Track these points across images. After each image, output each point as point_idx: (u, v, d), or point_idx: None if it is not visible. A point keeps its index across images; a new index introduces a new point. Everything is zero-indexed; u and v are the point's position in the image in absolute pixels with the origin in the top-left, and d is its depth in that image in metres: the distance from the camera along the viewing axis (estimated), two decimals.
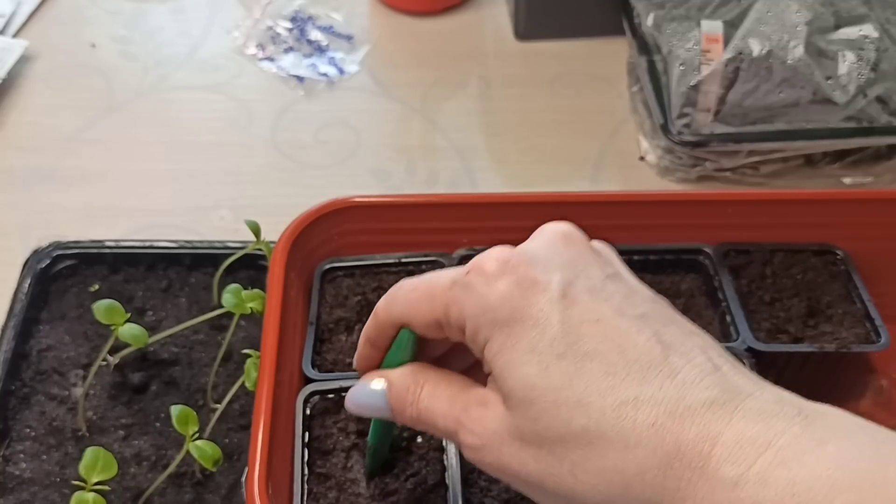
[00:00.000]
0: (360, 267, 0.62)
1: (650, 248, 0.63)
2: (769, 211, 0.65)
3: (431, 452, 0.52)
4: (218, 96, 0.88)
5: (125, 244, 0.67)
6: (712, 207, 0.64)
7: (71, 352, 0.62)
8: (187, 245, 0.67)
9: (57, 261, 0.66)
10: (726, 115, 0.77)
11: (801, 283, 0.63)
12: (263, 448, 0.48)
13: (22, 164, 0.81)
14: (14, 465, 0.57)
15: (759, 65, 0.75)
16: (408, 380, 0.41)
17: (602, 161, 0.83)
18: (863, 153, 0.80)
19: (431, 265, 0.62)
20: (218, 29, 0.96)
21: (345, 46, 0.94)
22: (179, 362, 0.62)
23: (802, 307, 0.62)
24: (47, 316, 0.64)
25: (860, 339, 0.59)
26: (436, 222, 0.63)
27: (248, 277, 0.65)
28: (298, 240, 0.59)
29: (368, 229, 0.62)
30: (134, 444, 0.58)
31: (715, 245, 0.64)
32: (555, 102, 0.89)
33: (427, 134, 0.86)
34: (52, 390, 0.60)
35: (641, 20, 0.85)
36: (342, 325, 0.59)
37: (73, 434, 0.58)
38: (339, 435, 0.53)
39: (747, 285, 0.63)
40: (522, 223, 0.62)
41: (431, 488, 0.51)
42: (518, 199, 0.65)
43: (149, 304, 0.65)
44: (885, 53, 0.76)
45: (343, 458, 0.52)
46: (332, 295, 0.61)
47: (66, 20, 0.96)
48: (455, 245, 0.63)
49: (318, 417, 0.54)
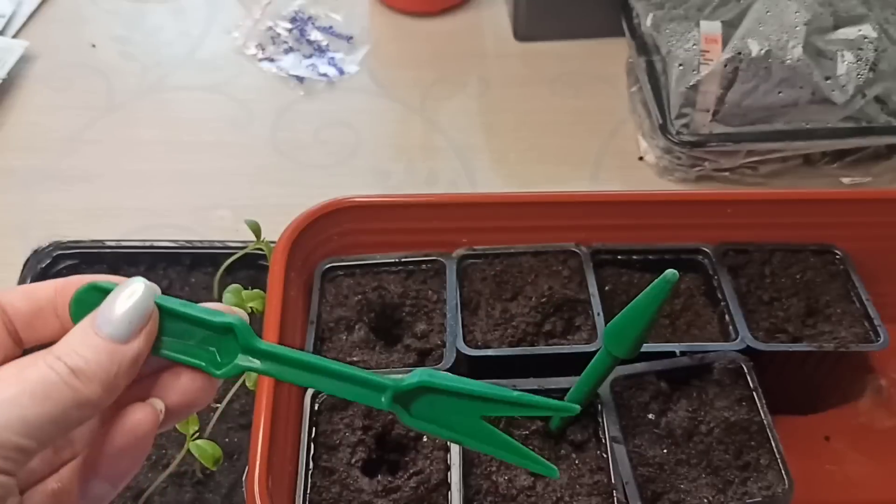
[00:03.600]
0: (360, 266, 0.62)
1: (650, 247, 0.64)
2: (768, 211, 0.65)
3: (435, 451, 0.52)
4: (218, 96, 0.89)
5: (125, 244, 0.68)
6: (711, 207, 0.64)
7: None
8: (187, 245, 0.67)
9: (57, 261, 0.66)
10: (725, 116, 0.77)
11: (800, 282, 0.63)
12: (264, 443, 0.48)
13: (21, 165, 0.81)
14: None
15: (758, 65, 0.75)
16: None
17: (601, 161, 0.83)
18: (861, 153, 0.81)
19: (432, 264, 0.62)
20: (218, 29, 0.96)
21: (345, 47, 0.94)
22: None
23: (801, 307, 0.62)
24: None
25: (859, 339, 0.59)
26: (436, 222, 0.63)
27: (248, 277, 0.65)
28: (299, 239, 0.59)
29: (368, 229, 0.62)
30: None
31: (714, 245, 0.64)
32: (554, 103, 0.89)
33: (427, 134, 0.86)
34: None
35: (640, 21, 0.85)
36: (342, 324, 0.59)
37: None
38: (346, 430, 0.53)
39: (746, 285, 0.63)
40: (522, 223, 0.63)
41: (434, 487, 0.51)
42: (518, 199, 0.65)
43: None
44: (883, 53, 0.77)
45: (348, 454, 0.52)
46: (332, 294, 0.61)
47: (66, 20, 0.96)
48: (455, 245, 0.63)
49: (325, 413, 0.54)
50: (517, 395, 0.35)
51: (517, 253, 0.63)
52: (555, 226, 0.63)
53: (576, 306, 0.60)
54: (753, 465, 0.53)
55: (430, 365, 0.57)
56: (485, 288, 0.61)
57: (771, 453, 0.53)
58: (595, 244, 0.63)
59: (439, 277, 0.62)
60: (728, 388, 0.55)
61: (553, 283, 0.61)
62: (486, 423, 0.35)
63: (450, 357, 0.56)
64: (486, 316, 0.60)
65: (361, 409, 0.54)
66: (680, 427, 0.54)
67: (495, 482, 0.51)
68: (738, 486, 0.52)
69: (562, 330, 0.60)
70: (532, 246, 0.63)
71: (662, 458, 0.53)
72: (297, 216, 0.60)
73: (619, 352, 0.47)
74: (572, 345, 0.58)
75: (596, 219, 0.63)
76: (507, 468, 0.52)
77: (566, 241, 0.63)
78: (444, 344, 0.58)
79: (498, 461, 0.52)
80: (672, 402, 0.55)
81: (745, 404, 0.55)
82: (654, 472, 0.52)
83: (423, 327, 0.60)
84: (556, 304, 0.60)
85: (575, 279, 0.61)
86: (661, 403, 0.55)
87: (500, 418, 0.53)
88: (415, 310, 0.61)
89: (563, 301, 0.60)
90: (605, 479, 0.51)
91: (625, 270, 0.64)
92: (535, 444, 0.54)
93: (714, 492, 0.51)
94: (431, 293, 0.61)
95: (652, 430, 0.54)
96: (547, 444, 0.54)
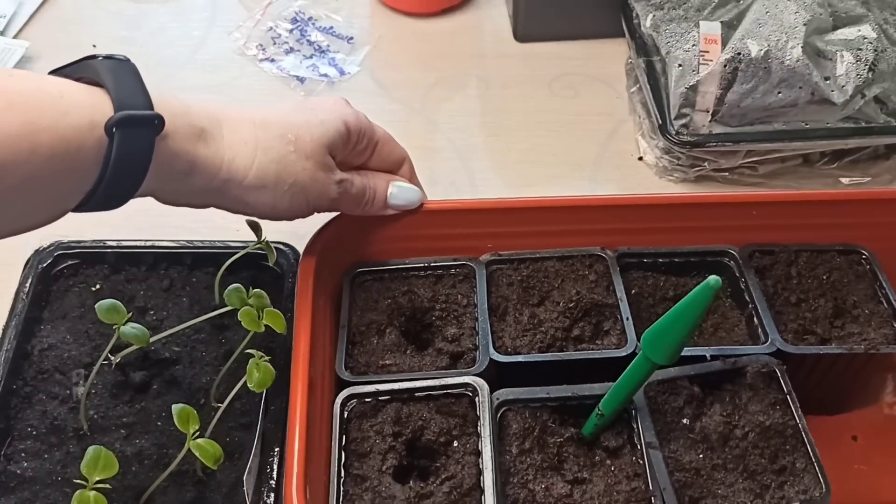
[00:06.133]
0: (389, 271, 0.62)
1: (675, 250, 0.64)
2: (793, 212, 0.64)
3: (467, 456, 0.52)
4: (219, 97, 0.89)
5: (126, 244, 0.68)
6: (736, 209, 0.64)
7: (73, 351, 0.63)
8: (189, 245, 0.68)
9: (58, 260, 0.66)
10: (724, 116, 0.78)
11: (826, 283, 0.63)
12: (300, 452, 0.48)
13: None
14: (16, 464, 0.57)
15: (758, 65, 0.75)
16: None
17: (601, 161, 0.83)
18: (861, 153, 0.81)
19: (460, 269, 0.62)
20: (219, 30, 0.96)
21: (345, 47, 0.95)
22: (181, 361, 0.63)
23: (829, 307, 0.62)
24: (49, 315, 0.64)
25: (888, 340, 0.59)
26: (460, 228, 0.63)
27: (249, 277, 0.65)
28: (326, 246, 0.60)
29: (394, 236, 0.63)
30: (135, 443, 0.58)
31: (740, 247, 0.63)
32: (554, 103, 0.89)
33: (427, 134, 0.86)
34: (54, 389, 0.61)
35: (640, 21, 0.85)
36: (373, 327, 0.60)
37: (74, 433, 0.59)
38: (376, 438, 0.53)
39: (773, 286, 0.62)
40: (547, 227, 0.63)
41: (467, 492, 0.51)
42: (543, 203, 0.64)
43: (150, 303, 0.66)
44: (882, 54, 0.77)
45: (379, 461, 0.52)
46: (362, 299, 0.61)
47: (67, 21, 0.96)
48: (480, 250, 0.63)
49: (354, 420, 0.54)
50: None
51: (543, 258, 0.63)
52: (580, 230, 0.63)
53: (603, 311, 0.60)
54: (790, 470, 0.52)
55: (461, 368, 0.57)
56: (512, 293, 0.62)
57: (807, 457, 0.53)
58: (620, 248, 0.63)
59: (468, 282, 0.62)
60: (762, 392, 0.55)
61: (580, 287, 0.61)
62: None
63: (483, 361, 0.56)
64: (515, 321, 0.60)
65: (391, 415, 0.54)
66: (715, 432, 0.54)
67: (532, 490, 0.51)
68: (776, 491, 0.52)
69: (590, 335, 0.60)
70: (558, 250, 0.63)
71: (699, 464, 0.52)
72: (324, 223, 0.61)
73: (659, 358, 0.47)
74: (602, 350, 0.58)
75: (621, 222, 0.63)
76: (544, 477, 0.52)
77: (592, 245, 0.63)
78: (475, 347, 0.58)
79: (535, 470, 0.52)
80: (706, 407, 0.55)
81: (779, 408, 0.54)
82: (690, 477, 0.52)
83: (453, 331, 0.60)
84: (584, 308, 0.60)
85: (602, 283, 0.61)
86: (694, 408, 0.55)
87: (535, 427, 0.54)
88: (445, 314, 0.61)
89: (591, 305, 0.60)
90: (642, 486, 0.51)
91: (650, 274, 0.64)
92: (570, 450, 0.54)
93: (752, 496, 0.51)
94: (461, 297, 0.62)
95: (687, 435, 0.54)
96: (581, 450, 0.54)
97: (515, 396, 0.54)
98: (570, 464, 0.53)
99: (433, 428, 0.54)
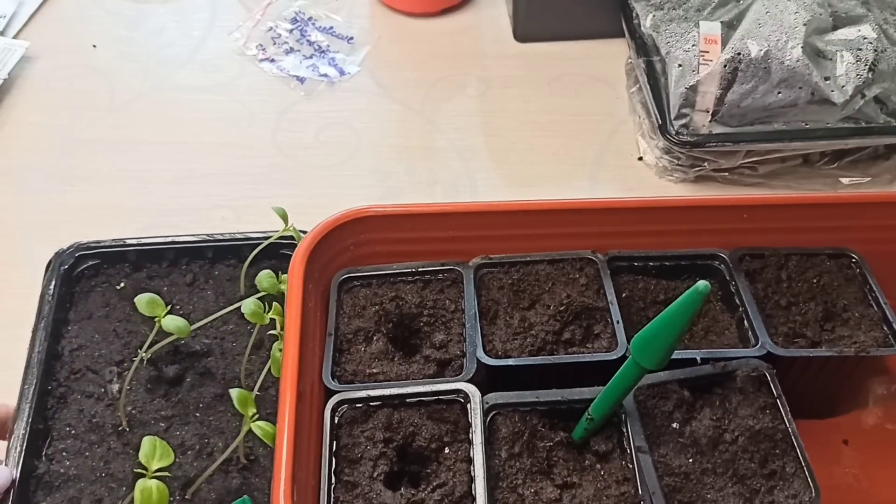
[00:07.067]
0: (376, 277, 0.62)
1: (666, 254, 0.63)
2: (783, 215, 0.64)
3: (458, 463, 0.52)
4: (219, 97, 0.89)
5: (146, 241, 0.67)
6: (726, 212, 0.64)
7: (103, 349, 0.63)
8: (209, 238, 0.67)
9: (80, 261, 0.66)
10: (724, 116, 0.78)
11: (816, 286, 0.63)
12: (288, 458, 0.48)
13: (22, 165, 0.81)
14: (58, 464, 0.57)
15: (758, 65, 0.75)
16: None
17: (601, 161, 0.83)
18: (860, 153, 0.81)
19: (448, 274, 0.62)
20: (219, 30, 0.96)
21: (345, 47, 0.95)
22: (212, 353, 0.63)
23: (819, 311, 0.61)
24: (75, 316, 0.65)
25: (878, 343, 0.59)
26: (451, 231, 0.63)
27: (271, 267, 0.64)
28: (316, 250, 0.59)
29: (384, 239, 0.62)
30: (176, 434, 0.59)
31: (730, 250, 0.63)
32: (554, 103, 0.89)
33: (427, 134, 0.86)
34: (88, 388, 0.61)
35: (640, 21, 0.85)
36: (360, 335, 0.59)
37: (113, 429, 0.59)
38: (367, 444, 0.53)
39: (763, 289, 0.62)
40: (536, 231, 0.63)
41: (458, 499, 0.50)
42: (533, 207, 0.64)
43: (175, 298, 0.66)
44: (882, 54, 0.77)
45: (370, 467, 0.52)
46: (349, 305, 0.61)
47: (68, 21, 0.96)
48: (471, 254, 0.63)
49: (345, 426, 0.54)
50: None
51: (534, 261, 0.62)
52: (570, 233, 0.63)
53: (594, 314, 0.60)
54: (780, 474, 0.52)
55: (449, 375, 0.57)
56: (502, 297, 0.61)
57: (797, 461, 0.52)
58: (611, 251, 0.63)
59: (456, 287, 0.62)
60: (751, 396, 0.55)
61: (570, 290, 0.61)
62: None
63: (470, 367, 0.56)
64: (505, 325, 0.60)
65: (382, 421, 0.54)
66: (705, 436, 0.53)
67: (521, 495, 0.51)
68: (765, 495, 0.51)
69: (581, 338, 0.59)
70: (548, 254, 0.63)
71: (688, 468, 0.52)
72: (314, 227, 0.60)
73: (648, 363, 0.47)
74: (593, 353, 0.58)
75: (611, 226, 0.63)
76: (533, 481, 0.52)
77: (582, 248, 0.63)
78: (463, 354, 0.58)
79: (524, 474, 0.52)
80: (695, 411, 0.55)
81: (769, 412, 0.54)
82: (680, 481, 0.52)
83: (441, 337, 0.59)
84: (574, 312, 0.60)
85: (592, 287, 0.61)
86: (684, 412, 0.55)
87: (524, 431, 0.53)
88: (432, 320, 0.61)
89: (582, 309, 0.60)
90: (631, 490, 0.51)
91: (641, 277, 0.64)
92: (559, 454, 0.53)
93: (741, 501, 0.51)
94: (449, 303, 0.61)
95: (676, 439, 0.53)
96: (571, 454, 0.53)
97: (505, 400, 0.54)
98: (560, 468, 0.53)
99: (424, 434, 0.53)
